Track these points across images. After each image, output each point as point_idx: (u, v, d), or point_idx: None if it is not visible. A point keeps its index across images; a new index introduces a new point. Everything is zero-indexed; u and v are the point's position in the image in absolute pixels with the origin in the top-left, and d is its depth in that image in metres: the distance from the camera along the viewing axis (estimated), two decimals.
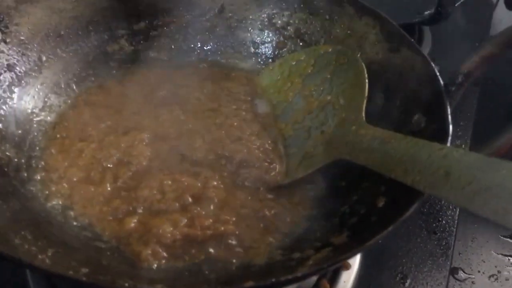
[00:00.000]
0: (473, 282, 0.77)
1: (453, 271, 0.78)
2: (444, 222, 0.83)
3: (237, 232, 0.60)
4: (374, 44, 0.73)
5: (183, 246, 0.58)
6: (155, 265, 0.55)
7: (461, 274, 0.78)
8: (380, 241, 0.75)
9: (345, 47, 0.76)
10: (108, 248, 0.57)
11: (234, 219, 0.61)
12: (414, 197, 0.49)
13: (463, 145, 0.96)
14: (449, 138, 0.54)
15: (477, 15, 1.31)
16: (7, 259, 0.42)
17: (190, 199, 0.62)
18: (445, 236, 0.81)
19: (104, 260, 0.54)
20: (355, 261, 0.73)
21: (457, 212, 0.85)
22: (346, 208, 0.61)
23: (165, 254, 0.56)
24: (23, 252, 0.46)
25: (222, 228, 0.59)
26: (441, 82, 0.61)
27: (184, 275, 0.54)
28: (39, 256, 0.47)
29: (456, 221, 0.84)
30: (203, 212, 0.61)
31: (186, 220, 0.60)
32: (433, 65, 0.63)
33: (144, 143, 0.69)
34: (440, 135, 0.55)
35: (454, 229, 0.82)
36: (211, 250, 0.58)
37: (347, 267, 0.72)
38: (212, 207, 0.62)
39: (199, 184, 0.64)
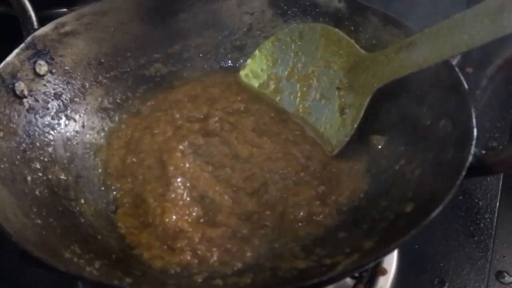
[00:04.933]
0: None
1: (498, 275, 0.77)
2: (482, 225, 0.83)
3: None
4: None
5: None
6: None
7: (507, 278, 0.77)
8: (416, 245, 0.77)
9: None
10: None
11: None
12: (439, 201, 0.50)
13: (500, 147, 0.94)
14: (473, 142, 0.54)
15: None
16: (59, 272, 0.46)
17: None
18: (483, 239, 0.80)
19: (147, 270, 0.58)
20: (392, 266, 0.74)
21: (496, 215, 0.84)
22: (375, 214, 0.63)
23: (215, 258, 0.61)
24: (73, 265, 0.51)
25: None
26: (466, 86, 0.62)
27: (219, 286, 0.57)
28: (87, 268, 0.51)
29: (494, 224, 0.83)
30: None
31: None
32: (457, 69, 0.64)
33: (191, 157, 0.72)
34: (464, 140, 0.56)
35: (493, 232, 0.81)
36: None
37: (384, 272, 0.73)
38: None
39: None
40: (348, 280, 0.72)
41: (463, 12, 0.61)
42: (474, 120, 0.57)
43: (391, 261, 0.74)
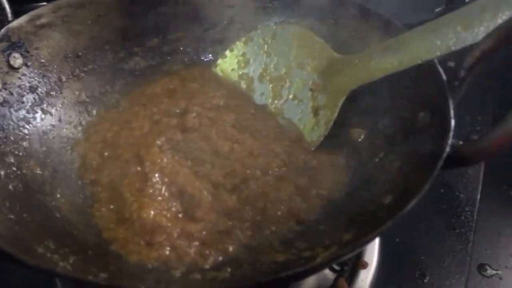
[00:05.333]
0: (500, 278, 0.76)
1: (480, 268, 0.78)
2: (463, 217, 0.83)
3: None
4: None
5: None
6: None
7: (489, 271, 0.77)
8: (397, 239, 0.77)
9: (352, 49, 0.77)
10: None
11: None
12: (416, 192, 0.50)
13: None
14: (451, 134, 0.54)
15: None
16: (29, 267, 0.45)
17: None
18: (464, 231, 0.81)
19: (124, 266, 0.57)
20: (373, 259, 0.74)
21: (476, 208, 0.85)
22: (355, 207, 0.63)
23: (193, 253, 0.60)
24: (45, 260, 0.50)
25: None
26: (444, 78, 0.62)
27: (197, 280, 0.56)
28: (61, 263, 0.50)
29: (475, 217, 0.83)
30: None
31: None
32: (436, 62, 0.64)
33: (169, 153, 0.71)
34: (442, 131, 0.56)
35: (473, 224, 0.82)
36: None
37: (365, 265, 0.73)
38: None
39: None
40: (330, 274, 0.72)
41: (437, 19, 0.64)
42: (452, 112, 0.57)
43: (372, 254, 0.74)
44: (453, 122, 0.56)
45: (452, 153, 0.52)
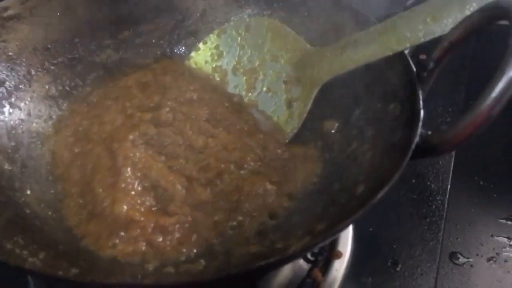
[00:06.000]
0: (471, 265, 0.78)
1: (452, 256, 0.79)
2: (434, 207, 0.84)
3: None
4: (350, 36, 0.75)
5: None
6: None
7: (460, 259, 0.79)
8: (370, 228, 0.78)
9: (325, 40, 0.78)
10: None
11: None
12: (386, 182, 0.50)
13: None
14: (420, 124, 0.55)
15: None
16: None
17: None
18: (435, 220, 0.82)
19: (95, 261, 0.57)
20: (347, 249, 0.75)
21: (447, 196, 0.86)
22: (328, 198, 0.63)
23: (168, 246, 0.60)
24: (14, 256, 0.49)
25: None
26: (414, 69, 0.63)
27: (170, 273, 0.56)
28: (30, 259, 0.49)
29: (446, 206, 0.85)
30: None
31: None
32: (406, 54, 0.65)
33: (142, 147, 0.71)
34: (412, 121, 0.56)
35: (444, 213, 0.83)
36: None
37: (339, 255, 0.73)
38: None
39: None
40: (304, 265, 0.73)
41: (407, 11, 0.64)
42: (421, 102, 0.58)
43: (346, 244, 0.75)
44: (422, 112, 0.57)
45: (421, 143, 0.53)
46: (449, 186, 0.88)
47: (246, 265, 0.46)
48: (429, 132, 0.54)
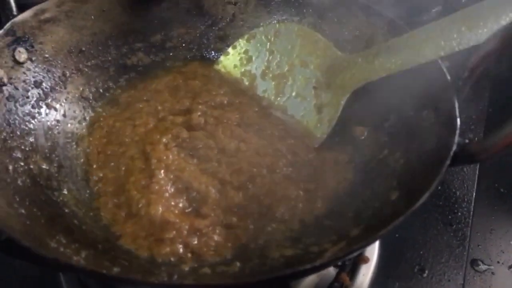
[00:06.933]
0: (492, 273, 0.78)
1: (473, 263, 0.79)
2: (459, 214, 0.85)
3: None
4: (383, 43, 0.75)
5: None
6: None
7: (481, 266, 0.79)
8: (396, 234, 0.79)
9: (355, 47, 0.78)
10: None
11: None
12: (424, 189, 0.51)
13: (476, 138, 0.97)
14: (457, 132, 0.56)
15: None
16: (47, 261, 0.45)
17: None
18: (461, 227, 0.83)
19: (134, 260, 0.58)
20: (374, 255, 0.75)
21: (472, 204, 0.86)
22: (360, 203, 0.64)
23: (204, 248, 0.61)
24: (60, 254, 0.50)
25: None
26: (448, 77, 0.63)
27: (207, 274, 0.57)
28: (74, 258, 0.50)
29: (471, 213, 0.85)
30: None
31: None
32: (440, 61, 0.65)
33: (175, 150, 0.72)
34: (448, 129, 0.57)
35: (470, 220, 0.84)
36: None
37: (366, 260, 0.74)
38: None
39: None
40: (331, 269, 0.73)
41: (441, 19, 0.65)
42: (457, 110, 0.59)
43: (373, 250, 0.76)
44: (458, 120, 0.57)
45: (459, 151, 0.54)
46: (474, 194, 0.88)
47: (288, 268, 0.47)
48: (466, 141, 0.55)
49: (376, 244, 0.77)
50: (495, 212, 0.88)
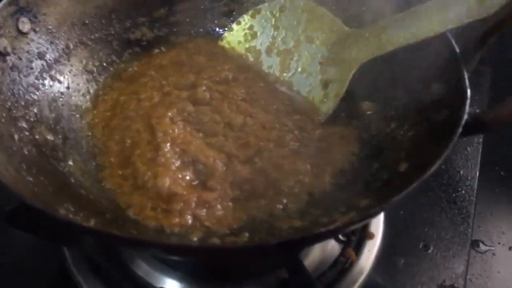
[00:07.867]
0: (493, 254, 0.79)
1: (474, 244, 0.80)
2: (463, 192, 0.85)
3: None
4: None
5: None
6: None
7: (482, 247, 0.80)
8: (401, 211, 0.79)
9: (361, 22, 0.78)
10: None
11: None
12: (436, 158, 0.51)
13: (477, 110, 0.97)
14: (467, 101, 0.55)
15: None
16: (61, 222, 0.44)
17: None
18: (465, 205, 0.83)
19: (142, 229, 0.57)
20: (379, 231, 0.75)
21: (476, 182, 0.87)
22: (368, 176, 0.64)
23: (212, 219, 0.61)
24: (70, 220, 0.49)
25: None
26: (457, 50, 0.63)
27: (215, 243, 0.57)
28: (84, 225, 0.50)
29: (475, 191, 0.85)
30: None
31: None
32: (448, 34, 0.65)
33: (180, 124, 0.71)
34: (458, 100, 0.57)
35: (474, 198, 0.84)
36: None
37: (371, 236, 0.74)
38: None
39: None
40: (336, 245, 0.73)
41: None
42: (467, 81, 0.58)
43: (378, 226, 0.76)
44: (469, 91, 0.57)
45: (471, 120, 0.53)
46: (477, 173, 0.89)
47: (297, 234, 0.47)
48: (477, 110, 0.55)
49: (381, 221, 0.77)
50: (496, 194, 0.88)
